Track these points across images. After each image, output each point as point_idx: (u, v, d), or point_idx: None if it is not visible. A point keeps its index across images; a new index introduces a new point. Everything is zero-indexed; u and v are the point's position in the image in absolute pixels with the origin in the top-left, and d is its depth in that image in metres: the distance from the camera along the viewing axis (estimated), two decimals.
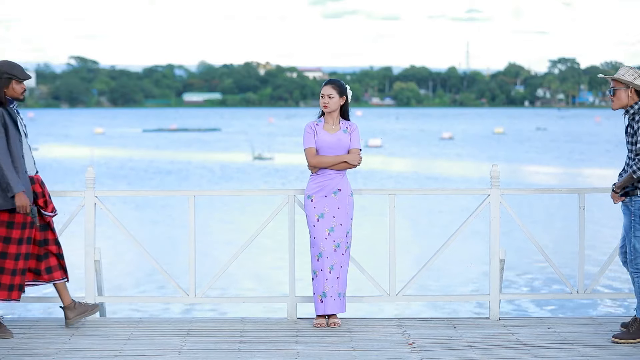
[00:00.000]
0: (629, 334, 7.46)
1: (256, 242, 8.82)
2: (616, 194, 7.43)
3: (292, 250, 8.45)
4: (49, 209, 7.81)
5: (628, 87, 7.39)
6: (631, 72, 7.42)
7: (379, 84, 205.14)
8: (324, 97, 8.14)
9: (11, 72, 7.65)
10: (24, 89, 7.74)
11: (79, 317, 7.95)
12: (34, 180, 7.74)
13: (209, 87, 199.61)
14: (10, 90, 7.67)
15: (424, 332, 7.86)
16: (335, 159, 8.06)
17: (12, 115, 7.64)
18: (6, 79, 7.65)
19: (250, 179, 41.32)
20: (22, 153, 7.62)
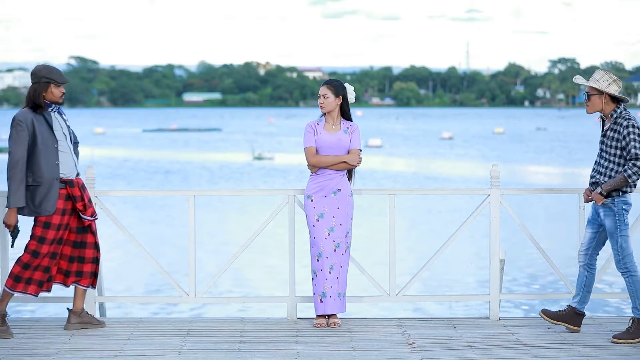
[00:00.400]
0: (628, 334, 7.49)
1: (256, 242, 8.81)
2: (601, 196, 7.47)
3: (292, 250, 8.45)
4: (88, 212, 7.82)
5: (602, 93, 7.47)
6: (606, 77, 7.53)
7: (379, 84, 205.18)
8: (320, 98, 8.17)
9: (49, 76, 7.68)
10: (63, 93, 7.77)
11: (80, 326, 7.93)
12: (73, 183, 7.76)
13: (209, 87, 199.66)
14: (49, 94, 7.71)
15: (424, 332, 7.86)
16: (335, 159, 8.06)
17: (48, 121, 7.68)
18: (45, 83, 7.68)
19: (250, 179, 41.31)
20: (56, 159, 7.64)
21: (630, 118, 7.41)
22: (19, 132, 7.55)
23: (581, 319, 7.85)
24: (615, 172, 7.44)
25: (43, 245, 7.67)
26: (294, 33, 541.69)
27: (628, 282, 7.60)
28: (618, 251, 7.53)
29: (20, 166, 7.52)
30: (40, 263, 7.69)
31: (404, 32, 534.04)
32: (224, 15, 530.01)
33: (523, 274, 17.31)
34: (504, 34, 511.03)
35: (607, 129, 7.53)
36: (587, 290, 7.84)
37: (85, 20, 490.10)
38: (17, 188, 7.52)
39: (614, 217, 7.49)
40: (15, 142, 7.55)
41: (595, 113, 7.66)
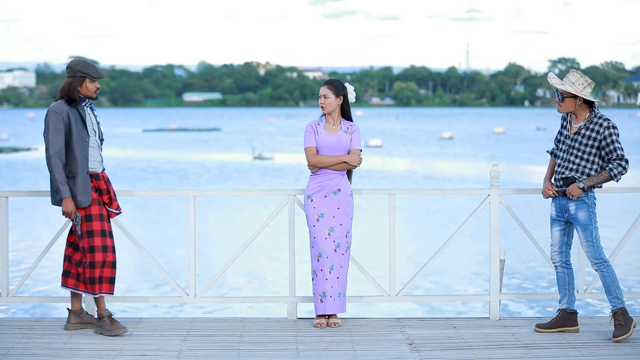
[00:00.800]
0: (622, 327, 7.55)
1: (256, 242, 8.81)
2: (582, 191, 7.62)
3: (292, 250, 8.45)
4: (114, 206, 7.86)
5: (577, 96, 7.63)
6: (581, 80, 7.73)
7: (379, 84, 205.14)
8: (321, 98, 8.18)
9: (85, 71, 7.71)
10: (97, 88, 7.81)
11: (80, 326, 7.93)
12: (99, 176, 7.80)
13: (209, 87, 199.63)
14: (83, 89, 7.73)
15: (424, 332, 7.86)
16: (335, 159, 8.06)
17: (81, 115, 7.70)
18: (80, 77, 7.71)
19: (250, 179, 41.32)
20: (86, 153, 7.67)
21: (608, 119, 7.64)
22: (56, 123, 7.57)
23: (576, 318, 7.89)
24: (589, 169, 7.63)
25: (94, 238, 7.67)
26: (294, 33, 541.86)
27: (606, 273, 7.68)
28: (593, 243, 7.66)
29: (61, 157, 7.57)
30: (96, 259, 7.66)
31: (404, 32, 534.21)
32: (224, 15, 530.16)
33: (523, 274, 17.31)
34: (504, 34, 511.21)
35: (581, 128, 7.67)
36: (572, 287, 7.92)
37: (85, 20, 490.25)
38: (63, 178, 7.56)
39: (589, 210, 7.67)
40: (53, 133, 7.56)
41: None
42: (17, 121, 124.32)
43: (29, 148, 64.84)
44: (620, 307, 7.60)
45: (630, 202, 28.50)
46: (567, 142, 7.75)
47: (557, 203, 7.82)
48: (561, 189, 7.75)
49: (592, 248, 7.66)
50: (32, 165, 48.76)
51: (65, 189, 7.58)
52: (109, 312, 7.77)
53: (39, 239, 22.15)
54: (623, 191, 9.05)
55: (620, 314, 7.58)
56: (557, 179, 7.78)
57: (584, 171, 7.64)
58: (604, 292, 7.88)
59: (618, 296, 7.63)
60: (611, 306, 7.65)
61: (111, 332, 7.68)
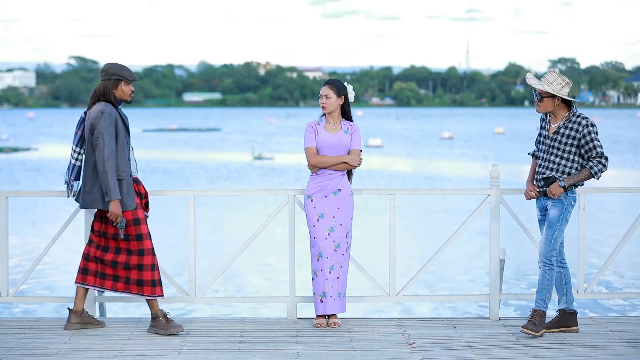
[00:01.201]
0: (535, 325, 7.66)
1: (256, 242, 8.81)
2: (562, 189, 7.66)
3: (292, 250, 8.45)
4: (147, 210, 7.89)
5: (555, 96, 7.65)
6: (559, 80, 7.73)
7: (379, 84, 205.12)
8: (322, 98, 8.16)
9: (120, 74, 7.70)
10: (132, 91, 7.79)
11: (80, 326, 7.93)
12: (138, 181, 7.82)
13: (209, 87, 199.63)
14: (119, 92, 7.73)
15: (424, 332, 7.86)
16: (335, 159, 8.06)
17: (123, 118, 7.71)
18: (115, 80, 7.70)
19: (250, 179, 41.32)
20: (129, 156, 7.69)
21: (587, 117, 7.69)
22: (108, 125, 7.55)
23: (576, 318, 7.91)
24: (572, 169, 7.66)
25: (144, 241, 7.69)
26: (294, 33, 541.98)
27: (546, 275, 7.74)
28: (550, 242, 7.70)
29: (114, 159, 7.55)
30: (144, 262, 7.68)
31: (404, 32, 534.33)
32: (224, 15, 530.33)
33: (523, 274, 17.31)
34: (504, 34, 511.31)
35: (560, 127, 7.70)
36: (569, 286, 7.95)
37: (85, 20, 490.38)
38: (115, 180, 7.54)
39: (561, 210, 7.70)
40: (107, 135, 7.53)
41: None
42: (17, 121, 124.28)
43: (29, 148, 64.84)
44: (542, 309, 7.72)
45: (630, 202, 28.50)
46: (546, 142, 7.78)
47: (539, 204, 7.86)
48: (542, 189, 7.78)
49: (546, 246, 7.72)
50: (32, 165, 48.77)
51: (117, 191, 7.54)
52: (163, 311, 7.79)
53: (39, 239, 22.14)
54: (623, 191, 9.06)
55: (539, 315, 7.70)
56: (538, 180, 7.81)
57: (565, 170, 7.67)
58: (604, 292, 7.89)
59: (545, 300, 7.74)
60: (535, 305, 7.74)
61: (167, 331, 7.69)
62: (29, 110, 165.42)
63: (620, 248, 8.66)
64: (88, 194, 7.69)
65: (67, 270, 17.68)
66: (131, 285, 7.75)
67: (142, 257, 7.68)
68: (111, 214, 7.57)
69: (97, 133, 7.56)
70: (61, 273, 17.36)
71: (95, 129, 7.58)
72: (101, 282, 7.83)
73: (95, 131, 7.58)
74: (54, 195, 8.53)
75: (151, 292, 7.71)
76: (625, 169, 44.43)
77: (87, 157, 7.71)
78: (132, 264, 7.70)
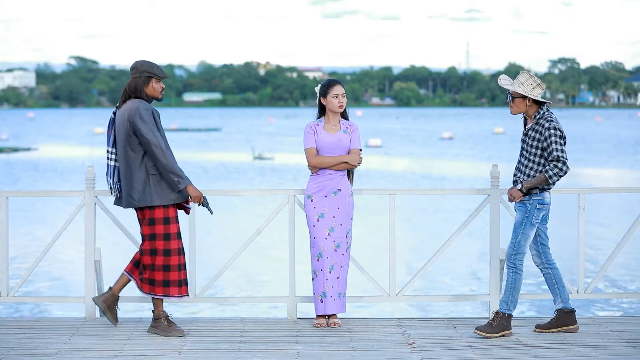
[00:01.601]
0: (491, 327, 7.64)
1: (256, 242, 8.81)
2: (521, 193, 7.64)
3: (292, 250, 8.45)
4: (188, 202, 7.86)
5: (526, 96, 7.62)
6: (530, 80, 7.67)
7: (379, 84, 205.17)
8: (338, 97, 8.09)
9: (151, 71, 7.67)
10: (163, 88, 7.78)
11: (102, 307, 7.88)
12: None
13: (209, 87, 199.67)
14: (150, 89, 7.70)
15: (424, 332, 7.86)
16: (336, 160, 8.05)
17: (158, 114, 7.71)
18: (147, 77, 7.67)
19: (250, 179, 41.32)
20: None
21: (552, 120, 7.60)
22: (150, 118, 7.53)
23: (574, 316, 7.90)
24: (535, 171, 7.63)
25: (171, 241, 7.67)
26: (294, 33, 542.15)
27: (510, 278, 7.75)
28: (514, 246, 7.71)
29: (165, 150, 7.52)
30: (172, 262, 7.67)
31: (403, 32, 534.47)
32: (224, 15, 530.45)
33: (523, 274, 17.30)
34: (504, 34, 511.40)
35: (528, 129, 7.70)
36: (561, 285, 7.93)
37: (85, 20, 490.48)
38: (178, 167, 7.53)
39: (524, 214, 7.68)
40: (152, 130, 7.50)
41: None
42: (17, 121, 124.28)
43: (29, 148, 64.84)
44: (503, 312, 7.68)
45: (630, 202, 28.50)
46: (521, 144, 7.79)
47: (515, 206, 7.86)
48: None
49: (510, 250, 7.74)
50: (32, 165, 48.76)
51: (185, 176, 7.55)
52: (166, 313, 7.78)
53: (38, 239, 22.15)
54: (623, 191, 9.06)
55: (500, 317, 7.67)
56: (513, 182, 7.82)
57: (529, 173, 7.64)
58: (604, 292, 7.89)
59: (508, 302, 7.71)
60: (500, 306, 7.72)
61: (168, 333, 7.68)
62: (29, 110, 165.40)
63: (620, 248, 8.66)
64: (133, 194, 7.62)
65: (67, 270, 17.69)
66: (156, 287, 7.70)
67: (169, 257, 7.66)
68: (193, 197, 7.58)
69: (141, 130, 7.48)
70: (61, 273, 17.36)
71: (137, 126, 7.50)
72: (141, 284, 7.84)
73: (141, 129, 7.49)
74: (53, 196, 8.52)
75: (178, 292, 7.69)
76: (625, 169, 44.39)
77: (126, 157, 7.60)
78: (158, 265, 7.68)
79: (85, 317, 8.36)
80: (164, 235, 7.64)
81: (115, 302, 7.91)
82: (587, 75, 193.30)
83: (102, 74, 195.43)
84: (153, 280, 7.70)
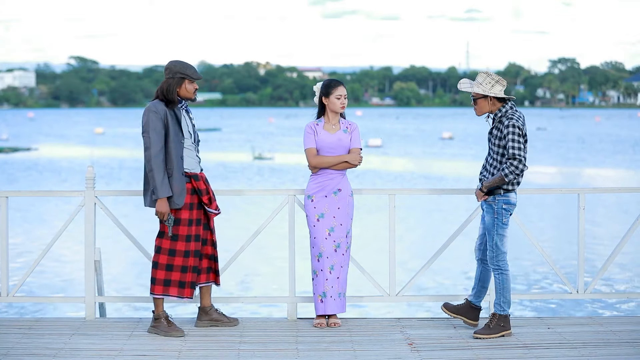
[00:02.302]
0: (489, 329, 7.65)
1: (256, 242, 8.81)
2: (482, 193, 7.66)
3: (292, 250, 8.45)
4: (213, 206, 7.86)
5: (487, 95, 7.61)
6: (488, 79, 7.65)
7: (379, 84, 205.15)
8: (341, 98, 8.10)
9: (184, 72, 7.68)
10: (196, 89, 7.78)
11: (209, 323, 7.96)
12: (198, 177, 7.79)
13: (209, 87, 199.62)
14: (182, 90, 7.71)
15: (424, 332, 7.86)
16: (336, 159, 8.05)
17: (177, 116, 7.68)
18: (179, 78, 7.67)
19: (250, 179, 41.31)
20: (181, 154, 7.65)
21: (512, 117, 7.54)
22: (155, 122, 7.53)
23: (478, 314, 7.95)
24: (497, 169, 7.62)
25: (177, 242, 7.67)
26: (294, 33, 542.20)
27: (497, 279, 7.74)
28: (493, 248, 7.69)
29: (162, 156, 7.53)
30: (175, 263, 7.67)
31: (403, 32, 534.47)
32: (224, 15, 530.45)
33: (523, 274, 17.31)
34: (504, 34, 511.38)
35: (492, 128, 7.70)
36: (482, 285, 7.96)
37: (85, 20, 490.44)
38: (162, 178, 7.52)
39: (493, 215, 7.66)
40: (154, 132, 7.51)
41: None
42: (17, 121, 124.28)
43: (29, 148, 64.83)
44: (500, 313, 7.68)
45: (630, 202, 28.50)
46: (488, 143, 7.79)
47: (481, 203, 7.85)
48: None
49: (491, 252, 7.72)
50: (32, 165, 48.76)
51: (163, 190, 7.52)
52: (166, 313, 7.78)
53: (39, 239, 22.15)
54: (623, 191, 9.06)
55: (497, 318, 7.67)
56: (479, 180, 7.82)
57: (493, 172, 7.64)
58: (604, 292, 7.88)
59: (501, 304, 7.69)
60: (494, 308, 7.71)
61: (168, 334, 7.68)
62: (29, 110, 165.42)
63: (620, 248, 8.66)
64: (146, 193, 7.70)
65: (67, 270, 17.69)
66: (156, 285, 7.72)
67: (173, 257, 7.67)
68: (157, 212, 7.58)
69: (144, 132, 7.57)
70: (61, 273, 17.36)
71: (142, 126, 7.60)
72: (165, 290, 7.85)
73: (143, 130, 7.60)
74: (53, 196, 8.52)
75: (178, 292, 7.70)
76: (625, 169, 44.40)
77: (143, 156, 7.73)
78: (161, 263, 7.69)
79: (85, 317, 8.36)
80: (172, 236, 7.66)
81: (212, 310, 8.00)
82: (587, 75, 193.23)
83: (102, 74, 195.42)
84: (154, 279, 7.71)
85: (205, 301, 8.02)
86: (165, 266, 7.67)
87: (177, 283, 7.70)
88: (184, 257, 7.69)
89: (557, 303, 14.59)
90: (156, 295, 7.72)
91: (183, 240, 7.69)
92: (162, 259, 7.67)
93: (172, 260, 7.67)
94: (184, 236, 7.69)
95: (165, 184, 7.53)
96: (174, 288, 7.70)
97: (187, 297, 7.75)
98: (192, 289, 7.78)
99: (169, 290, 7.70)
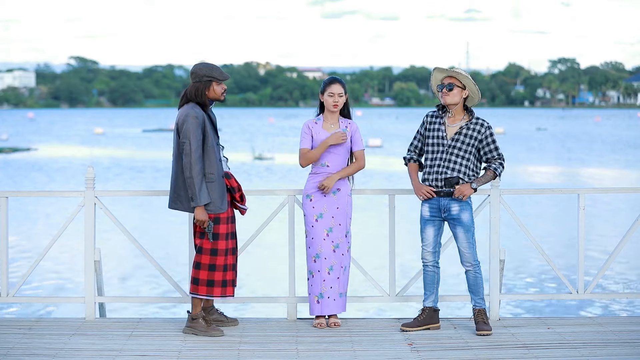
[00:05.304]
0: (486, 325, 7.80)
1: (256, 242, 8.81)
2: (473, 191, 7.83)
3: (292, 250, 8.45)
4: (244, 202, 7.90)
5: (464, 88, 7.90)
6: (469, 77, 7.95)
7: (379, 84, 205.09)
8: (334, 96, 8.09)
9: (211, 74, 7.67)
10: (224, 89, 7.78)
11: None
12: (229, 175, 7.82)
13: None
14: (211, 92, 7.71)
15: (424, 332, 7.87)
16: (320, 147, 8.00)
17: (212, 119, 7.70)
18: (207, 81, 7.67)
19: (250, 179, 41.32)
20: (220, 157, 7.68)
21: (485, 120, 7.99)
22: (195, 128, 7.52)
23: (438, 315, 8.08)
24: (466, 168, 7.81)
25: (219, 241, 7.69)
26: (294, 33, 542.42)
27: (479, 275, 7.91)
28: (473, 244, 7.84)
29: (201, 163, 7.52)
30: (217, 262, 7.69)
31: (403, 32, 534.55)
32: (224, 15, 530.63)
33: (523, 274, 17.30)
34: (504, 34, 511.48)
35: (462, 128, 7.86)
36: (438, 285, 8.12)
37: (85, 20, 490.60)
38: (201, 185, 7.52)
39: (471, 211, 7.87)
40: (194, 138, 7.50)
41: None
42: (17, 121, 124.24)
43: (29, 148, 64.80)
44: (484, 307, 7.91)
45: (630, 202, 28.50)
46: (444, 142, 7.83)
47: (435, 203, 7.87)
48: (444, 190, 7.80)
49: (472, 249, 7.83)
50: (32, 165, 48.75)
51: (202, 197, 7.52)
52: (203, 314, 7.78)
53: (39, 239, 22.14)
54: (623, 191, 9.06)
55: (483, 313, 7.85)
56: (438, 179, 7.83)
57: (466, 171, 7.81)
58: (603, 292, 7.88)
59: (484, 298, 7.98)
60: (476, 305, 7.88)
61: (207, 333, 7.69)
62: (29, 110, 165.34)
63: (620, 248, 8.66)
64: (177, 197, 7.66)
65: (67, 270, 17.69)
66: (200, 286, 7.71)
67: (215, 257, 7.69)
68: (197, 220, 7.58)
69: (184, 137, 7.53)
70: (61, 273, 17.36)
71: (181, 133, 7.55)
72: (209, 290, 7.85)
73: (181, 135, 7.55)
74: (53, 196, 8.53)
75: (221, 292, 7.72)
76: (625, 169, 44.39)
77: (175, 160, 7.65)
78: (204, 263, 7.69)
79: (85, 317, 8.36)
80: (212, 235, 7.67)
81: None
82: (587, 76, 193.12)
83: (102, 74, 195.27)
84: (197, 279, 7.70)
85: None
86: (208, 266, 7.68)
87: (220, 283, 7.73)
88: (225, 255, 7.71)
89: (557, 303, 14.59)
90: (200, 295, 7.72)
91: (223, 239, 7.72)
92: (205, 259, 7.69)
93: (214, 260, 7.69)
94: (224, 234, 7.71)
95: (204, 190, 7.54)
96: (217, 288, 7.73)
97: (229, 295, 7.76)
98: (233, 287, 7.81)
99: (213, 291, 7.72)
